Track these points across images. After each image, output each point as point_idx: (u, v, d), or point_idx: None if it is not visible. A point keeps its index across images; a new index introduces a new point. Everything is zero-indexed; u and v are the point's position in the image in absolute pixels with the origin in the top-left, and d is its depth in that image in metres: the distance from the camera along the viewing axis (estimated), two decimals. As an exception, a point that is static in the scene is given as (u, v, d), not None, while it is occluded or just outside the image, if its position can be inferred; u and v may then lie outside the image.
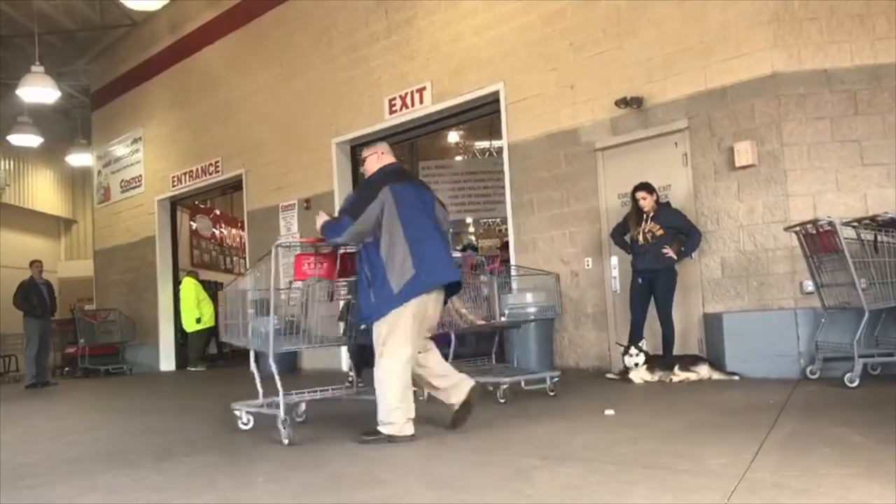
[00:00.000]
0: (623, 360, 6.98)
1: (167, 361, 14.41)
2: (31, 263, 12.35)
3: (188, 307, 13.57)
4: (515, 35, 8.86)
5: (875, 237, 5.85)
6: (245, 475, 3.90)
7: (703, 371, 6.63)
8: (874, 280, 5.79)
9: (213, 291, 14.33)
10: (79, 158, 18.26)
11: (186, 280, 13.90)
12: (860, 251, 5.82)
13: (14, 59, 15.17)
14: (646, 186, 7.15)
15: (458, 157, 16.67)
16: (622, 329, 7.58)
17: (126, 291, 15.29)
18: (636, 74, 7.75)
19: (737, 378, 6.50)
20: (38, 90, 13.36)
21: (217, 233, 18.80)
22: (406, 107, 10.05)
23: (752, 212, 7.00)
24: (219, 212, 18.78)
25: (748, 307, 6.94)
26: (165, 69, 14.62)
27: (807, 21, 6.89)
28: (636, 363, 6.83)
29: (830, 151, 6.80)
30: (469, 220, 16.24)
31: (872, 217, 5.96)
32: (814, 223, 5.96)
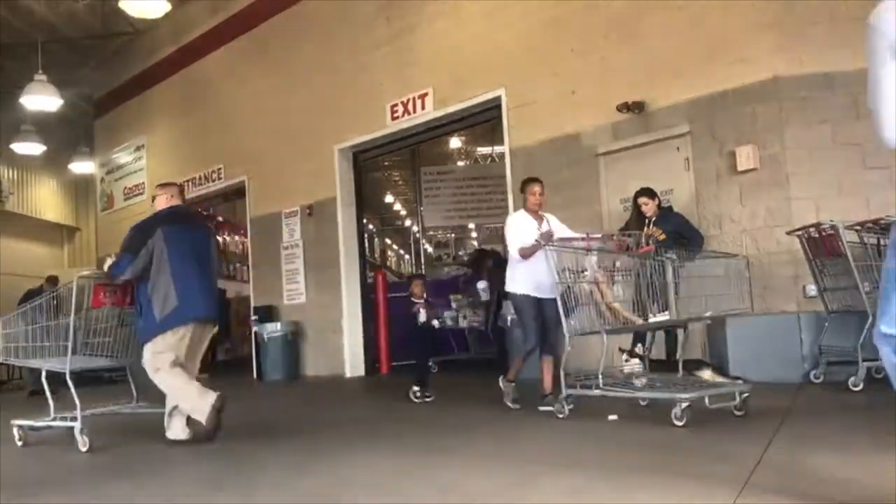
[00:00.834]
0: (624, 365, 6.96)
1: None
2: (48, 279, 12.25)
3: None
4: (516, 41, 8.88)
5: (878, 240, 5.85)
6: (250, 482, 3.90)
7: (707, 376, 6.61)
8: (877, 283, 5.77)
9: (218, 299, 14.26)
10: (82, 166, 18.29)
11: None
12: (863, 255, 5.81)
13: (17, 68, 15.19)
14: (648, 191, 7.15)
15: (460, 163, 16.68)
16: (624, 336, 7.56)
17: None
18: (637, 79, 7.76)
19: (741, 382, 6.48)
20: (41, 98, 13.40)
21: (220, 240, 18.80)
22: (408, 113, 10.07)
23: (755, 216, 7.00)
24: (221, 219, 18.79)
25: (749, 312, 6.92)
26: (168, 77, 14.66)
27: (808, 25, 6.90)
28: (635, 368, 6.81)
29: (832, 155, 6.79)
30: (471, 226, 16.24)
31: (875, 220, 5.95)
32: (816, 227, 5.96)
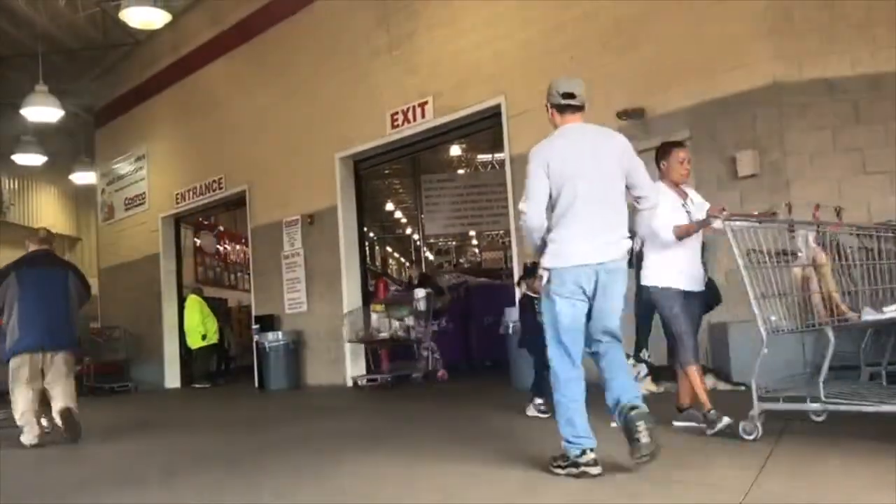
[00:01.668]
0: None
1: (172, 378, 14.39)
2: None
3: (193, 324, 13.59)
4: (516, 49, 8.90)
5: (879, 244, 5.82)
6: (253, 490, 3.89)
7: (709, 382, 6.60)
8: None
9: (218, 308, 14.33)
10: (83, 177, 18.31)
11: (191, 297, 13.92)
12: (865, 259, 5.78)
13: (18, 79, 15.22)
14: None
15: (461, 171, 16.71)
16: (627, 341, 7.55)
17: (131, 309, 15.29)
18: (637, 86, 7.77)
19: (744, 388, 6.46)
20: (42, 109, 13.43)
21: (221, 249, 18.83)
22: (408, 121, 10.08)
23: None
24: (223, 228, 18.82)
25: (753, 317, 6.90)
26: (168, 87, 14.69)
27: (807, 31, 6.90)
28: (641, 374, 6.80)
29: (833, 160, 6.79)
30: (472, 234, 16.26)
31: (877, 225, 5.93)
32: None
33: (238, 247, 19.45)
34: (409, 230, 18.33)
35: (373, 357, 10.99)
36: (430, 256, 16.42)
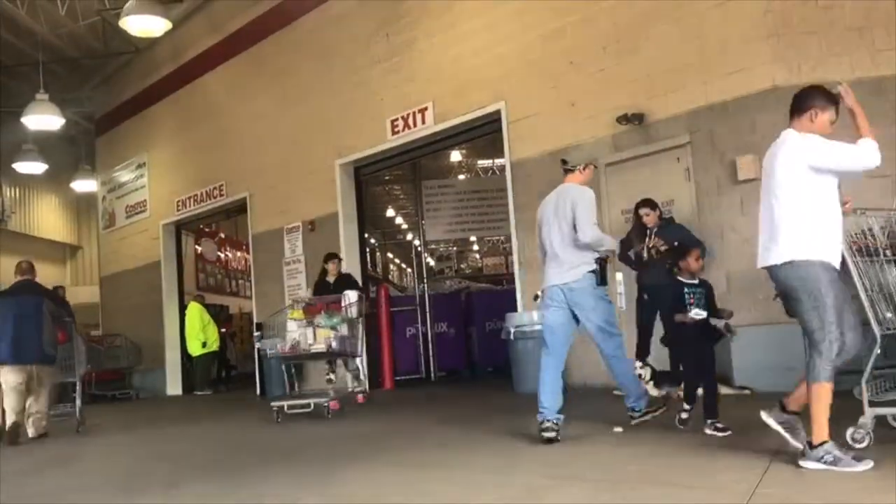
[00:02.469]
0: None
1: (174, 386, 14.39)
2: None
3: (193, 331, 13.60)
4: (515, 55, 8.91)
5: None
6: (252, 497, 3.89)
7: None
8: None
9: (219, 315, 14.33)
10: (83, 185, 18.36)
11: (192, 305, 13.93)
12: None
13: (19, 88, 15.28)
14: (648, 202, 7.15)
15: (461, 177, 16.71)
16: (629, 345, 7.55)
17: (132, 316, 15.29)
18: (637, 91, 7.78)
19: (748, 392, 6.46)
20: (43, 118, 13.47)
21: (222, 256, 18.85)
22: (408, 127, 10.09)
23: (756, 225, 6.97)
24: (224, 235, 18.84)
25: (755, 321, 6.90)
26: (168, 95, 14.72)
27: (806, 35, 6.92)
28: (643, 378, 6.80)
29: (833, 164, 6.78)
30: (473, 239, 16.24)
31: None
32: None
33: (239, 254, 19.47)
34: (410, 236, 18.32)
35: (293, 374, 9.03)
36: (432, 262, 16.40)
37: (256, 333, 11.93)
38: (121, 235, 16.07)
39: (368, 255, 12.72)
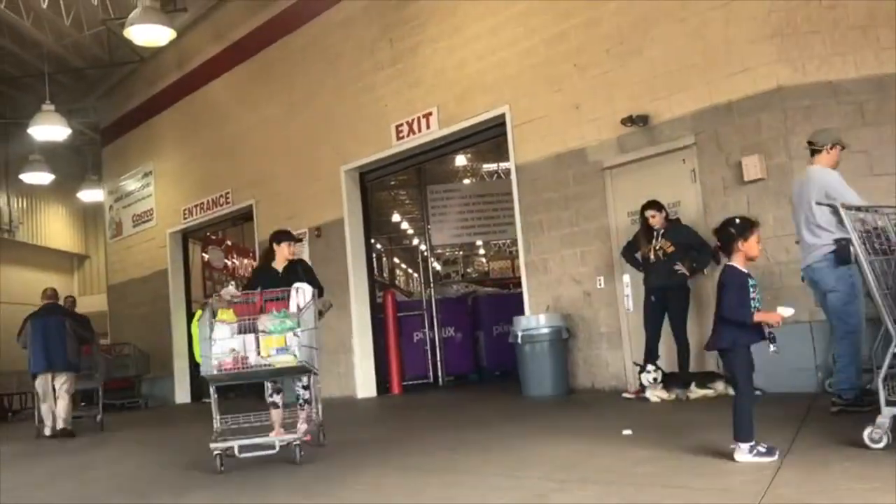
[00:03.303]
0: (639, 379, 6.93)
1: (182, 393, 14.41)
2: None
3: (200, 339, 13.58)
4: (519, 58, 8.92)
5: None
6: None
7: (720, 387, 6.57)
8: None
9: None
10: (90, 194, 18.43)
11: (200, 312, 13.91)
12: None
13: (25, 99, 15.37)
14: (654, 204, 7.14)
15: (467, 181, 16.72)
16: (637, 348, 7.55)
17: (140, 325, 15.34)
18: (641, 92, 7.77)
19: (758, 394, 6.41)
20: (49, 128, 13.54)
21: (229, 263, 18.86)
22: (413, 132, 10.10)
23: (763, 225, 6.92)
24: (230, 243, 18.86)
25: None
26: (174, 103, 14.77)
27: (810, 34, 6.90)
28: (653, 380, 6.78)
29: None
30: (479, 243, 16.24)
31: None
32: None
33: (246, 261, 19.48)
34: (416, 241, 18.33)
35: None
36: (438, 267, 16.42)
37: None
38: (128, 244, 16.12)
39: (375, 261, 12.71)
